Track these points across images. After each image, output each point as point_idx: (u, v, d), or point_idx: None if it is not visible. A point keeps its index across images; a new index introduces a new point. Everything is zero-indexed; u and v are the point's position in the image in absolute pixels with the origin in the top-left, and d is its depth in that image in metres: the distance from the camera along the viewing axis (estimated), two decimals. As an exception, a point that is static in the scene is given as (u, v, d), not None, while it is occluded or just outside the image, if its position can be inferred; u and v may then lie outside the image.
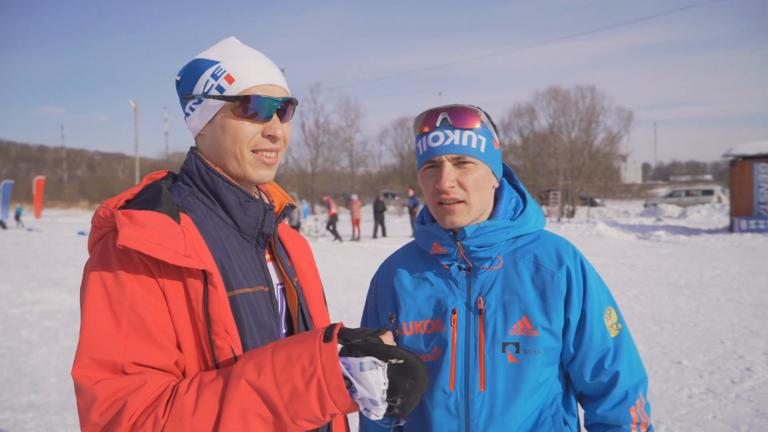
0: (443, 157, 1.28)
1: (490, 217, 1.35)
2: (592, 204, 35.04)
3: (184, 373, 0.99)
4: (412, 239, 1.53)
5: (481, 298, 1.31)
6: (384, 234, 20.88)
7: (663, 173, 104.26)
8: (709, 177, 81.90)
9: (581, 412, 1.39)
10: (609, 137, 38.95)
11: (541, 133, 40.11)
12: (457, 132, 1.28)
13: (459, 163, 1.28)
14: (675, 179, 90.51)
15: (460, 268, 1.34)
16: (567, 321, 1.30)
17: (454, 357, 1.29)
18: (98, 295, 0.94)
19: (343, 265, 12.56)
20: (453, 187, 1.27)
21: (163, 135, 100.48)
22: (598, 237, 18.36)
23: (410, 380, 0.89)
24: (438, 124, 1.29)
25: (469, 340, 1.29)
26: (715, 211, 27.58)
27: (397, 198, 42.49)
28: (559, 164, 36.41)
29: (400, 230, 23.90)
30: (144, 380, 0.90)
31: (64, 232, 26.73)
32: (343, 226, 25.70)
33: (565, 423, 1.32)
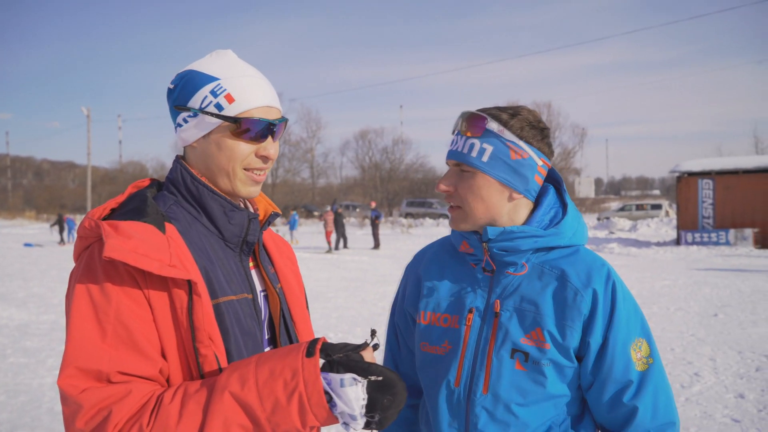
0: (448, 162, 1.33)
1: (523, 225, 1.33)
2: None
3: (168, 381, 0.99)
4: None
5: (498, 301, 1.29)
6: (345, 245, 20.86)
7: (614, 188, 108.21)
8: (657, 192, 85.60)
9: None
10: (564, 152, 40.35)
11: (500, 147, 41.00)
12: (463, 139, 1.28)
13: (461, 170, 1.30)
14: (626, 194, 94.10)
15: (484, 269, 1.32)
16: (587, 344, 1.24)
17: (463, 355, 1.29)
18: (84, 305, 0.95)
19: (305, 277, 12.41)
20: (448, 190, 1.30)
21: (116, 143, 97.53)
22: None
23: (388, 396, 0.92)
24: (456, 127, 1.32)
25: (481, 341, 1.28)
26: (663, 225, 28.83)
27: (358, 210, 42.49)
28: (517, 178, 37.24)
29: (362, 242, 23.92)
30: (129, 389, 0.91)
31: (9, 243, 25.45)
32: (308, 237, 25.47)
33: None
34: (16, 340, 6.87)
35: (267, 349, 1.17)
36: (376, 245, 20.48)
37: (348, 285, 11.22)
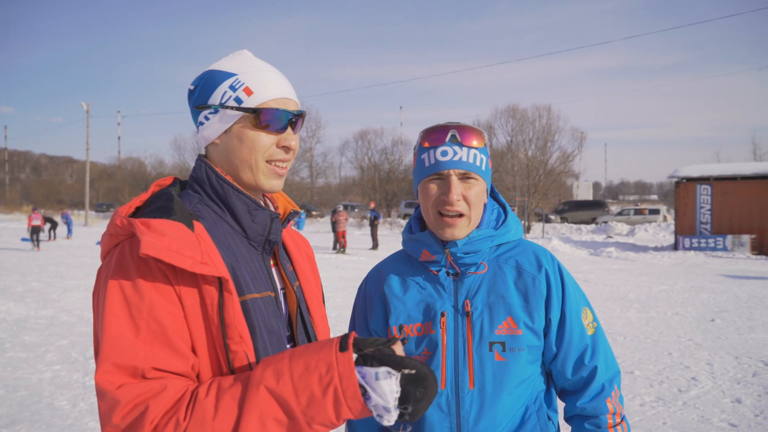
0: (451, 171, 1.36)
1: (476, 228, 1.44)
2: (547, 220, 36.08)
3: (198, 377, 1.01)
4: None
5: (468, 300, 1.38)
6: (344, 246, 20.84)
7: (612, 192, 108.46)
8: (654, 197, 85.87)
9: (561, 406, 1.48)
10: (563, 156, 40.26)
11: (499, 150, 41.09)
12: (465, 149, 1.37)
13: (464, 178, 1.37)
14: (624, 198, 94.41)
15: (448, 273, 1.41)
16: (548, 321, 1.39)
17: (444, 357, 1.36)
18: (117, 302, 0.97)
19: (303, 277, 12.44)
20: (459, 200, 1.36)
21: (115, 139, 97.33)
22: (552, 252, 18.89)
23: (421, 389, 0.94)
24: (447, 139, 1.37)
25: (458, 340, 1.37)
26: (660, 230, 28.88)
27: (356, 210, 42.46)
28: (516, 181, 37.34)
29: (360, 242, 23.92)
30: (164, 385, 0.93)
31: (6, 238, 25.40)
32: (309, 237, 25.42)
33: (549, 418, 1.41)
34: (14, 335, 6.87)
35: (288, 347, 1.18)
36: (375, 245, 20.48)
37: (346, 285, 11.23)
